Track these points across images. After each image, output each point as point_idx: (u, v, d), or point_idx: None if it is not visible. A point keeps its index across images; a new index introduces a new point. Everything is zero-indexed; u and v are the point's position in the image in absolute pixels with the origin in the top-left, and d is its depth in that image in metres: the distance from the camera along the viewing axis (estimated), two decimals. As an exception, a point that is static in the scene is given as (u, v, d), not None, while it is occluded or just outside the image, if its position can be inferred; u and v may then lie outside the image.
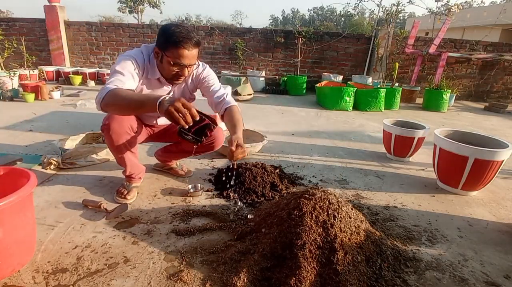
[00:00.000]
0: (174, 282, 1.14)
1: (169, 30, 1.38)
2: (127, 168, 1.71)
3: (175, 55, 1.40)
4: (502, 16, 12.76)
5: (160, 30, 1.42)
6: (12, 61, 5.49)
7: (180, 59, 1.41)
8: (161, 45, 1.41)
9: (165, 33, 1.39)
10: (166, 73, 1.50)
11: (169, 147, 2.01)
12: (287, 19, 52.63)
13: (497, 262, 1.37)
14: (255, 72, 6.63)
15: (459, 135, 2.23)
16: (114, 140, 1.55)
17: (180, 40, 1.36)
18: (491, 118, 5.07)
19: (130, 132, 1.58)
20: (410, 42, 6.19)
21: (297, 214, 1.26)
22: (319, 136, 3.29)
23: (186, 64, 1.44)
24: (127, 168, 1.71)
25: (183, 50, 1.38)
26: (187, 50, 1.39)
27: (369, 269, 1.20)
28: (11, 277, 1.13)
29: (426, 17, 9.31)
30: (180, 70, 1.47)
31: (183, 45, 1.37)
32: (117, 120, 1.52)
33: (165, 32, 1.39)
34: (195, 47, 1.42)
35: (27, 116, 3.48)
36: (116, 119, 1.52)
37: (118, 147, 1.59)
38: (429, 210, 1.82)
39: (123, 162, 1.68)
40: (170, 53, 1.40)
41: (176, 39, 1.36)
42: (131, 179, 1.78)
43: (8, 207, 1.03)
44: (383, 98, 4.91)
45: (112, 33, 6.80)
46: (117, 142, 1.55)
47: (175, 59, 1.41)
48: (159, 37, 1.42)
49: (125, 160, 1.66)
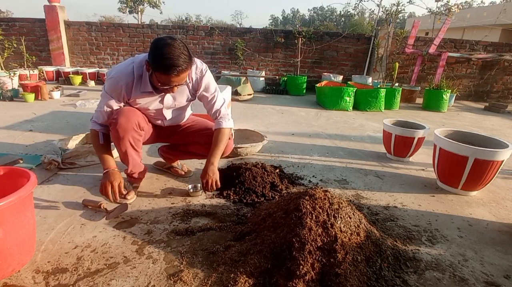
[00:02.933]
0: (174, 282, 1.14)
1: (161, 51, 1.32)
2: (129, 166, 1.71)
3: (163, 79, 1.40)
4: (502, 16, 12.76)
5: (152, 46, 1.36)
6: (12, 61, 5.49)
7: (169, 83, 1.42)
8: (152, 63, 1.38)
9: (157, 53, 1.34)
10: (156, 86, 1.52)
11: (177, 146, 2.01)
12: (287, 19, 52.65)
13: (497, 262, 1.37)
14: (255, 72, 6.63)
15: (459, 135, 2.23)
16: (120, 135, 1.56)
17: (169, 69, 1.33)
18: (491, 118, 5.07)
19: (136, 129, 1.60)
20: (410, 42, 6.19)
21: (297, 214, 1.26)
22: (319, 137, 3.29)
23: (175, 86, 1.45)
24: (129, 165, 1.71)
25: (170, 77, 1.37)
26: (175, 77, 1.38)
27: (369, 269, 1.20)
28: (11, 277, 1.13)
29: (426, 17, 9.31)
30: (169, 88, 1.47)
31: (170, 73, 1.35)
32: (125, 116, 1.55)
33: (157, 52, 1.34)
34: (185, 72, 1.40)
35: (27, 116, 3.48)
36: (125, 115, 1.55)
37: (122, 142, 1.59)
38: (429, 210, 1.82)
39: (126, 158, 1.68)
40: (158, 75, 1.39)
41: (165, 66, 1.33)
42: (131, 178, 1.78)
43: (8, 207, 1.03)
44: (383, 98, 4.91)
45: (112, 33, 6.80)
46: (122, 137, 1.57)
47: (164, 82, 1.41)
48: (150, 53, 1.37)
49: (128, 157, 1.66)
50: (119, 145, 1.61)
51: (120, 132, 1.55)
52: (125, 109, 1.58)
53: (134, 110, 1.62)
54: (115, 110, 1.59)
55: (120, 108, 1.60)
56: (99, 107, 1.58)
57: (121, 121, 1.54)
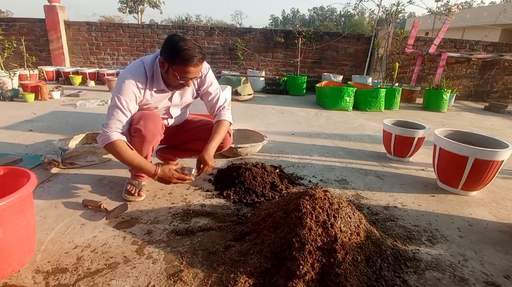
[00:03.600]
0: (174, 282, 1.14)
1: (177, 45, 1.40)
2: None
3: (182, 71, 1.45)
4: (502, 16, 12.76)
5: (167, 42, 1.43)
6: (12, 61, 5.49)
7: (187, 74, 1.46)
8: (168, 58, 1.44)
9: (173, 47, 1.41)
10: (171, 82, 1.54)
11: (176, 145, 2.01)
12: (287, 19, 52.66)
13: (497, 262, 1.37)
14: (255, 72, 6.63)
15: (459, 135, 2.23)
16: (148, 140, 1.56)
17: (188, 59, 1.40)
18: (491, 118, 5.06)
19: (161, 133, 1.63)
20: (410, 42, 6.19)
21: (297, 214, 1.26)
22: (319, 136, 3.29)
23: (192, 78, 1.50)
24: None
25: (190, 67, 1.43)
26: (193, 67, 1.44)
27: (369, 269, 1.20)
28: (11, 277, 1.13)
29: (426, 17, 9.31)
30: (185, 82, 1.52)
31: (190, 63, 1.42)
32: (151, 121, 1.55)
33: (173, 47, 1.41)
34: (201, 62, 1.47)
35: (27, 116, 3.48)
36: (151, 119, 1.55)
37: (148, 147, 1.60)
38: (429, 210, 1.82)
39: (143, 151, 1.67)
40: (177, 67, 1.44)
41: (184, 57, 1.40)
42: (140, 177, 1.77)
43: (8, 207, 1.03)
44: (383, 98, 4.91)
45: (112, 33, 6.80)
46: (150, 142, 1.58)
47: (182, 74, 1.46)
48: (166, 49, 1.43)
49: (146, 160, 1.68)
50: (143, 149, 1.60)
51: (148, 137, 1.55)
52: (147, 113, 1.57)
53: (154, 113, 1.61)
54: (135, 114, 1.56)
55: (140, 112, 1.57)
56: (117, 116, 1.47)
57: (150, 126, 1.54)
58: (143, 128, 1.53)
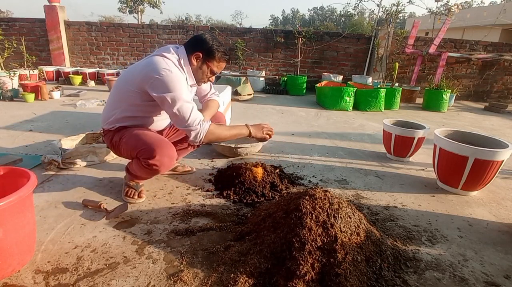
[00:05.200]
0: (174, 282, 1.14)
1: (213, 41, 1.54)
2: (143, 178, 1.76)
3: (219, 66, 1.60)
4: (502, 16, 12.76)
5: (202, 39, 1.54)
6: (12, 61, 5.49)
7: (219, 69, 1.61)
8: (206, 54, 1.54)
9: (211, 43, 1.53)
10: (200, 77, 1.63)
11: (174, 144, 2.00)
12: (287, 19, 52.65)
13: (497, 262, 1.37)
14: (255, 72, 6.63)
15: (459, 135, 2.23)
16: (161, 172, 1.61)
17: (225, 55, 1.58)
18: (491, 118, 5.06)
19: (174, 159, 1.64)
20: (410, 42, 6.19)
21: (297, 214, 1.26)
22: (319, 136, 3.29)
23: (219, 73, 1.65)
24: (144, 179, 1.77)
25: (225, 62, 1.61)
26: (227, 63, 1.63)
27: (369, 269, 1.20)
28: (11, 277, 1.13)
29: (426, 17, 9.31)
30: (211, 76, 1.66)
31: (227, 59, 1.60)
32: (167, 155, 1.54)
33: (211, 44, 1.53)
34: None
35: (27, 116, 3.48)
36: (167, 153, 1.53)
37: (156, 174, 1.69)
38: (429, 210, 1.82)
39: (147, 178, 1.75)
40: (215, 62, 1.58)
41: (223, 53, 1.57)
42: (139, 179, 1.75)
43: (8, 207, 1.03)
44: (383, 98, 4.91)
45: (112, 33, 6.80)
46: (161, 172, 1.62)
47: (217, 69, 1.60)
48: (202, 45, 1.53)
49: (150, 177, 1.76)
50: (151, 174, 1.68)
51: (162, 170, 1.59)
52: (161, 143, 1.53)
53: (166, 141, 1.59)
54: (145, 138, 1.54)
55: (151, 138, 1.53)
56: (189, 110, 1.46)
57: (165, 162, 1.55)
58: (159, 164, 1.53)
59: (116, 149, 1.68)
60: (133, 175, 1.72)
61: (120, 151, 1.67)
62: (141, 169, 1.60)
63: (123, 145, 1.59)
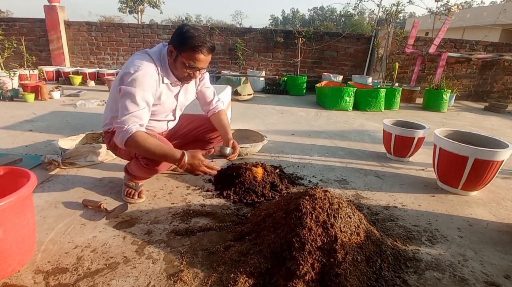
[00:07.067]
0: (174, 282, 1.14)
1: (188, 32, 1.39)
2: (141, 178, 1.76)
3: (191, 58, 1.42)
4: (502, 16, 12.76)
5: (178, 30, 1.43)
6: (12, 61, 5.49)
7: (195, 62, 1.43)
8: (178, 45, 1.42)
9: (183, 34, 1.39)
10: (178, 73, 1.51)
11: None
12: (287, 19, 52.63)
13: (497, 262, 1.37)
14: (255, 72, 6.63)
15: (459, 135, 2.23)
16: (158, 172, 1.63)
17: (198, 45, 1.38)
18: (491, 118, 5.06)
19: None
20: (410, 42, 6.18)
21: (297, 214, 1.26)
22: (319, 136, 3.29)
23: (199, 67, 1.46)
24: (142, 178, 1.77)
25: (199, 54, 1.41)
26: (203, 55, 1.42)
27: (369, 269, 1.20)
28: (11, 277, 1.13)
29: (426, 17, 9.31)
30: (192, 72, 1.49)
31: (200, 49, 1.39)
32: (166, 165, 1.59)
33: (183, 34, 1.39)
34: (210, 52, 1.45)
35: (27, 116, 3.48)
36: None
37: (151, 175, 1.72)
38: (429, 210, 1.82)
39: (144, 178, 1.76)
40: (186, 55, 1.41)
41: (194, 43, 1.38)
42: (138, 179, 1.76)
43: (8, 207, 1.03)
44: (383, 98, 4.91)
45: (112, 33, 6.79)
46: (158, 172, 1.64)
47: (190, 61, 1.43)
48: (176, 37, 1.42)
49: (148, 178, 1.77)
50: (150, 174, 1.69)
51: (160, 170, 1.60)
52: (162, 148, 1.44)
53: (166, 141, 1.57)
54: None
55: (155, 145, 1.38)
56: (132, 109, 1.36)
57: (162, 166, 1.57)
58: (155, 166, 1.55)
59: (115, 150, 1.70)
60: (132, 175, 1.72)
61: (119, 152, 1.68)
62: (140, 169, 1.61)
63: None
